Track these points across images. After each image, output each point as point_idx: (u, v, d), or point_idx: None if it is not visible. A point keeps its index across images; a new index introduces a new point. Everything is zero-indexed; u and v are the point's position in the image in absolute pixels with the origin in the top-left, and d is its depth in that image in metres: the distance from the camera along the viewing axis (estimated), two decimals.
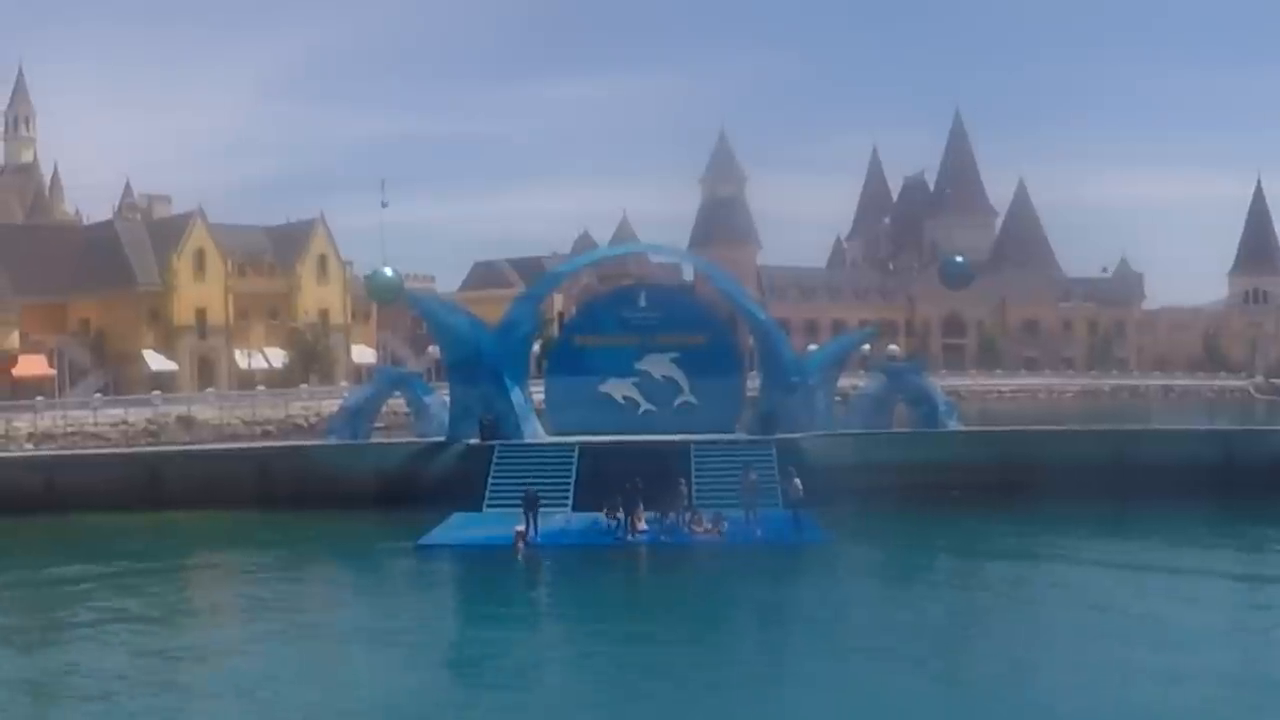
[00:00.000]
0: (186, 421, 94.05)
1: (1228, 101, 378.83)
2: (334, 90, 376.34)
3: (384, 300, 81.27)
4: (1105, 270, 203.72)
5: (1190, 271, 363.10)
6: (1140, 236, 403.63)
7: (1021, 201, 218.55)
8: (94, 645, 32.31)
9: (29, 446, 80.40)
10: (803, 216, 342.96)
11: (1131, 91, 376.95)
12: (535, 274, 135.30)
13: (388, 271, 64.41)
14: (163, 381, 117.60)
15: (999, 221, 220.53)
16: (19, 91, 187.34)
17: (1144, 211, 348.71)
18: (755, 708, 26.24)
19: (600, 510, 46.90)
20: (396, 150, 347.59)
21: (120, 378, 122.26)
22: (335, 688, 28.46)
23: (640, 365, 58.93)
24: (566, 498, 50.96)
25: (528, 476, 51.31)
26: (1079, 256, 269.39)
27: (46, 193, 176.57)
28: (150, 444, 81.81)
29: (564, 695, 27.61)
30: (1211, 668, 27.53)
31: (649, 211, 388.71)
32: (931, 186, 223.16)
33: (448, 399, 60.51)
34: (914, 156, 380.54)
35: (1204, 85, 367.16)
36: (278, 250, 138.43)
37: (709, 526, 45.40)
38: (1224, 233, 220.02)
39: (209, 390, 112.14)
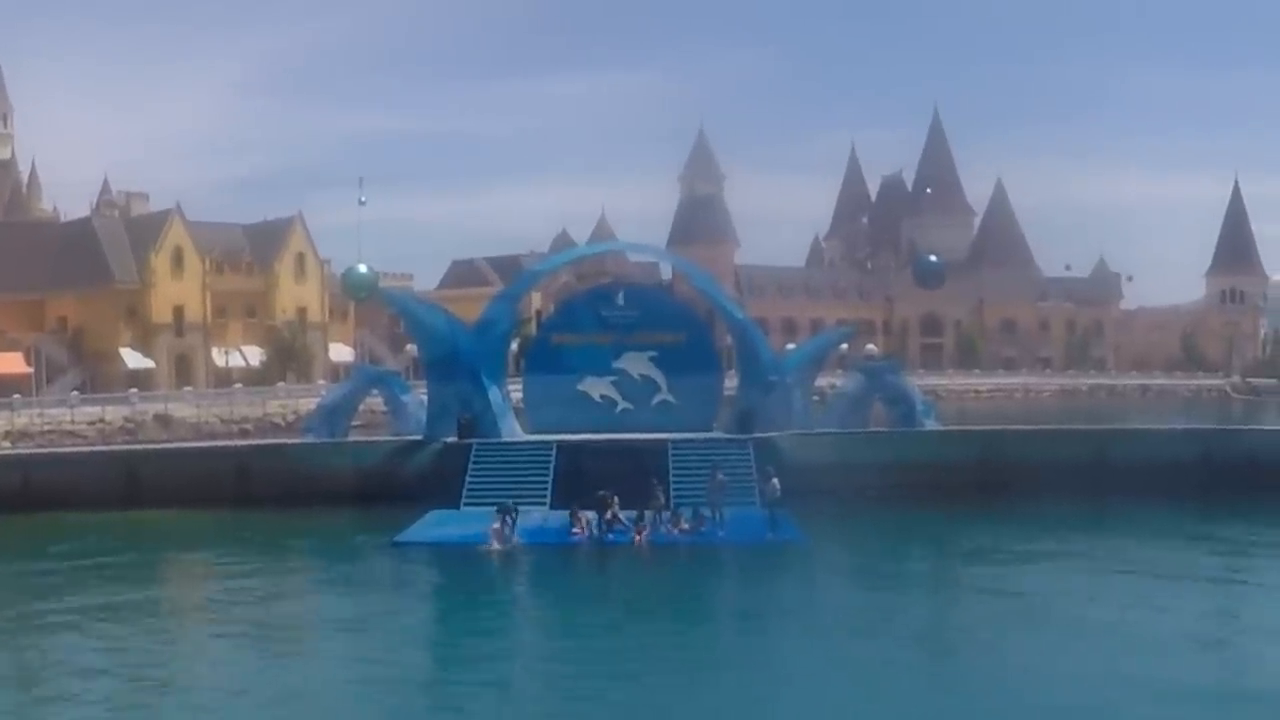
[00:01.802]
0: (164, 420, 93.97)
1: (1205, 102, 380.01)
2: (314, 87, 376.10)
3: (359, 297, 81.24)
4: (1068, 268, 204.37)
5: (1168, 271, 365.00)
6: (1118, 237, 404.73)
7: (1000, 201, 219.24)
8: (69, 642, 32.28)
9: (6, 445, 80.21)
10: (781, 215, 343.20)
11: (1110, 92, 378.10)
12: (513, 272, 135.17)
13: (363, 268, 64.43)
14: (140, 379, 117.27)
15: (977, 221, 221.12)
16: None
17: (1122, 211, 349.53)
18: (727, 706, 26.24)
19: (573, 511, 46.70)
20: (377, 147, 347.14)
21: (97, 375, 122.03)
22: (308, 682, 28.40)
23: (618, 364, 58.99)
24: (544, 496, 50.91)
25: (505, 474, 51.40)
26: (1057, 257, 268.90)
27: (24, 189, 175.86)
28: (128, 442, 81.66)
29: (534, 694, 27.54)
30: (1186, 683, 27.05)
31: (627, 210, 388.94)
32: (910, 186, 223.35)
33: (425, 397, 60.51)
34: (892, 155, 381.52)
35: (1181, 86, 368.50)
36: (255, 248, 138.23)
37: (686, 526, 45.37)
38: (1201, 233, 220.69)
39: (186, 388, 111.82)
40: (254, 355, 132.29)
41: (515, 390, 63.91)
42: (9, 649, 32.44)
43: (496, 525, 44.01)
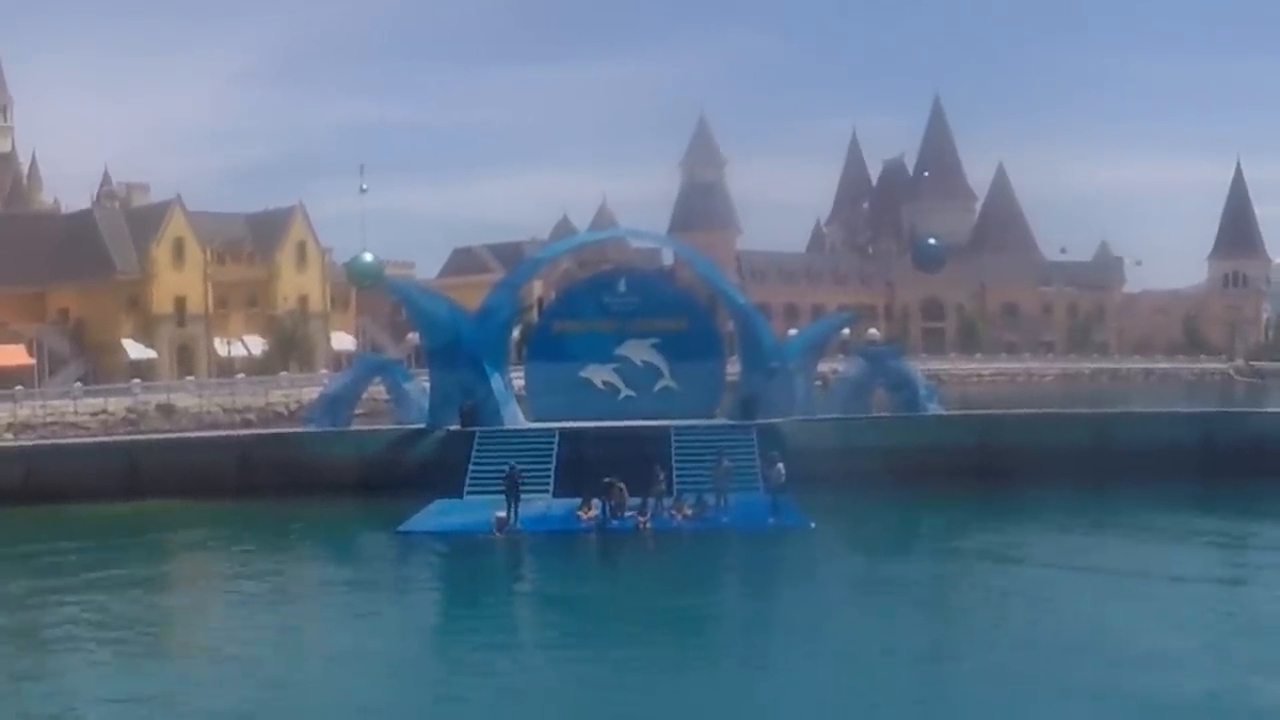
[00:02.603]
0: (166, 410, 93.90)
1: (1207, 86, 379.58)
2: (313, 76, 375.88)
3: (364, 286, 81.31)
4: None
5: (1171, 255, 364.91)
6: (1121, 220, 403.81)
7: (1001, 185, 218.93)
8: (67, 633, 32.27)
9: (8, 437, 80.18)
10: (782, 201, 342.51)
11: (1112, 76, 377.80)
12: (514, 260, 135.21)
13: (367, 257, 64.42)
14: (142, 370, 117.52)
15: (979, 205, 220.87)
16: None
17: (1124, 195, 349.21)
18: (728, 698, 26.16)
19: (579, 498, 46.65)
20: (376, 136, 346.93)
21: (100, 366, 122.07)
22: (309, 670, 28.40)
23: (620, 350, 58.83)
24: (547, 483, 50.85)
25: (508, 462, 51.39)
26: (1059, 241, 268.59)
27: (25, 181, 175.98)
28: (130, 433, 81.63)
29: (536, 682, 27.51)
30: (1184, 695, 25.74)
31: (629, 196, 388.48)
32: (911, 170, 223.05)
33: (428, 385, 60.45)
34: (893, 140, 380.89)
35: (1184, 70, 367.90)
36: (256, 238, 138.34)
37: (689, 512, 45.37)
38: (1204, 217, 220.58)
39: (189, 378, 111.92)
40: (256, 345, 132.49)
41: (518, 378, 63.81)
42: (13, 636, 32.47)
43: (501, 514, 44.07)
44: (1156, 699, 25.17)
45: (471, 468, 52.23)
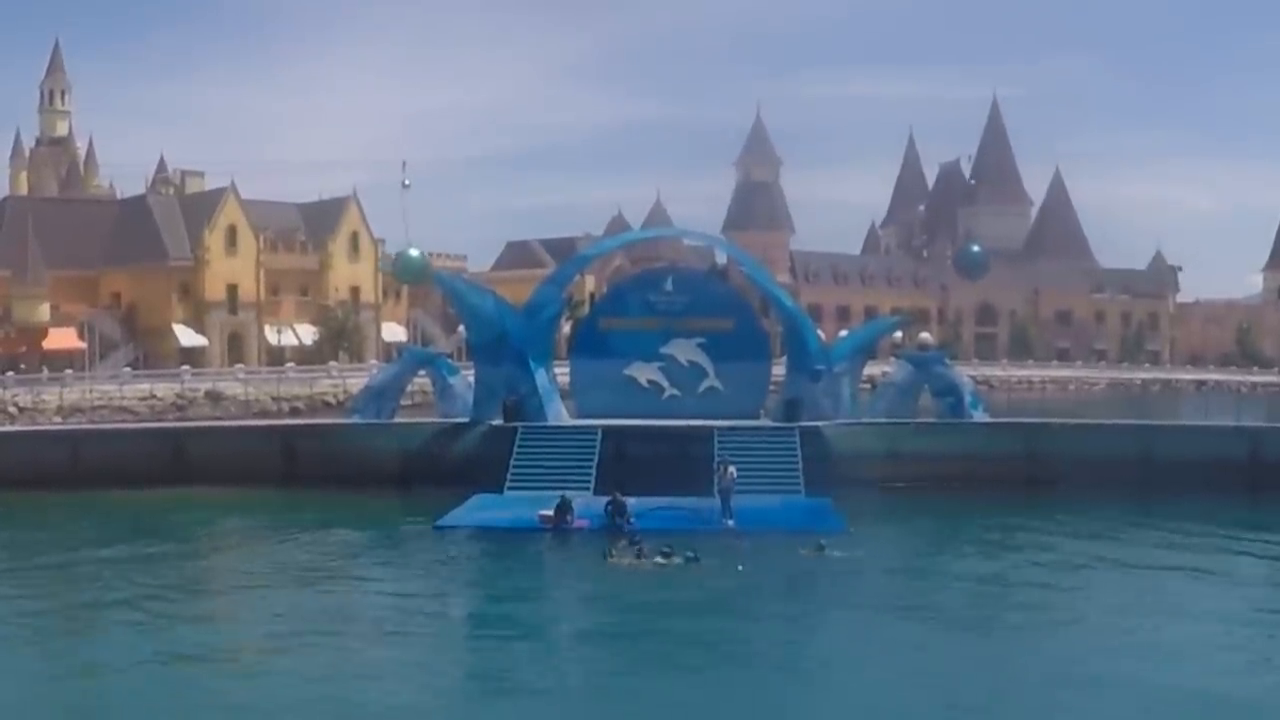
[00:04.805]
0: (215, 397, 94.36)
1: (1265, 101, 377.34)
2: (384, 72, 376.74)
3: (409, 281, 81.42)
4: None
5: (1227, 265, 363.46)
6: (1176, 230, 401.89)
7: (1057, 191, 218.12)
8: (114, 620, 32.36)
9: (57, 420, 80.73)
10: (837, 202, 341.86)
11: (1171, 89, 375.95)
12: (567, 255, 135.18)
13: (414, 252, 64.42)
14: (193, 356, 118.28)
15: (1034, 211, 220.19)
16: (54, 65, 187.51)
17: (1180, 205, 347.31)
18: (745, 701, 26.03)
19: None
20: (436, 130, 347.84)
21: (150, 352, 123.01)
22: (345, 662, 28.32)
23: (665, 349, 58.54)
24: (588, 481, 50.58)
25: (550, 459, 51.37)
26: (1114, 248, 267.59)
27: (81, 166, 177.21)
28: (178, 419, 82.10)
29: (571, 676, 27.49)
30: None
31: (684, 193, 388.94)
32: (968, 174, 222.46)
33: (473, 380, 60.47)
34: (950, 144, 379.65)
35: (1245, 84, 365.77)
36: (310, 227, 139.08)
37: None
38: (1259, 227, 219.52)
39: (238, 366, 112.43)
40: (307, 334, 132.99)
41: (564, 374, 63.67)
42: (58, 627, 32.53)
43: (547, 512, 43.84)
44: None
45: (513, 463, 52.13)
